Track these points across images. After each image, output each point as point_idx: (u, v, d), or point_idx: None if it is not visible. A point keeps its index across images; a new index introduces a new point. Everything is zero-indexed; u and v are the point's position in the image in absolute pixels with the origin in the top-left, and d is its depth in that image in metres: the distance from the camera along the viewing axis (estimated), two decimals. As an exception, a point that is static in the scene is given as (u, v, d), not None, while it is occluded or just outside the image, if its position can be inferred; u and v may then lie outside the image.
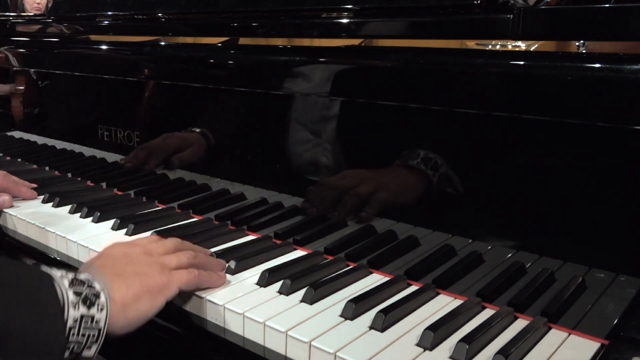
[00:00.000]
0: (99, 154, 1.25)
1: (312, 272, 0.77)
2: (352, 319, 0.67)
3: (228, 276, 0.77)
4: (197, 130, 1.04)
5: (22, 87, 1.47)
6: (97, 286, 0.62)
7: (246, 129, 0.99)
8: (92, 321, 0.59)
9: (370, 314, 0.67)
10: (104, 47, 1.18)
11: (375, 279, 0.78)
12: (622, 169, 0.63)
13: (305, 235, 0.89)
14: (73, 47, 1.27)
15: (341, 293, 0.73)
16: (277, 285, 0.74)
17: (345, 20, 0.83)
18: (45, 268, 0.61)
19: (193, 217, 1.02)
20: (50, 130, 1.41)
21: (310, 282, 0.74)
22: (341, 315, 0.67)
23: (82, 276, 0.62)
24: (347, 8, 0.82)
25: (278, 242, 0.89)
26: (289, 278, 0.73)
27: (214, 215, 1.00)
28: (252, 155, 0.98)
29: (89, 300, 0.60)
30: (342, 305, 0.68)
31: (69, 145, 1.35)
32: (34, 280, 0.58)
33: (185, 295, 0.73)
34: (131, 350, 0.80)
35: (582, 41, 0.64)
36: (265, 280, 0.75)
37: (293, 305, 0.70)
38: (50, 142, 1.40)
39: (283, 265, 0.79)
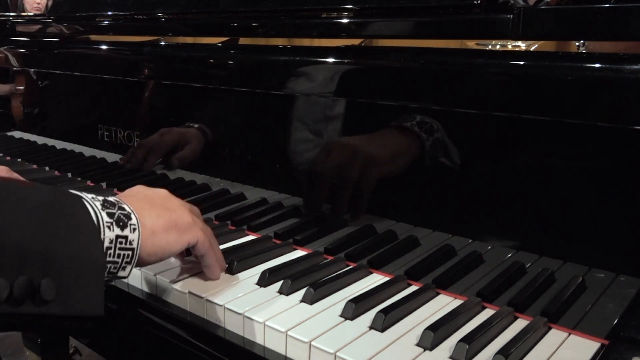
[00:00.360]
0: (99, 154, 1.26)
1: (312, 272, 0.77)
2: (352, 319, 0.67)
3: (228, 276, 0.77)
4: (195, 125, 1.04)
5: (22, 87, 1.47)
6: (127, 208, 0.63)
7: (246, 129, 0.99)
8: (126, 242, 0.61)
9: (370, 314, 0.67)
10: (104, 47, 1.18)
11: (375, 279, 0.78)
12: (622, 169, 0.63)
13: (305, 235, 0.89)
14: (73, 47, 1.27)
15: (341, 293, 0.73)
16: (277, 285, 0.74)
17: (345, 20, 0.83)
18: (75, 191, 0.61)
19: (193, 217, 1.02)
20: (50, 130, 1.41)
21: (310, 282, 0.74)
22: (341, 315, 0.67)
23: (112, 198, 0.63)
24: (347, 8, 0.82)
25: (278, 242, 0.89)
26: (289, 278, 0.73)
27: (214, 215, 1.00)
28: (252, 155, 0.98)
29: (122, 222, 0.61)
30: (342, 305, 0.68)
31: (69, 145, 1.35)
32: (69, 203, 0.58)
33: (184, 295, 0.73)
34: (131, 350, 0.80)
35: (582, 41, 0.64)
36: (265, 280, 0.75)
37: (293, 305, 0.70)
38: (50, 142, 1.40)
39: (283, 265, 0.79)
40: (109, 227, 0.59)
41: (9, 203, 0.53)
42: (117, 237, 0.60)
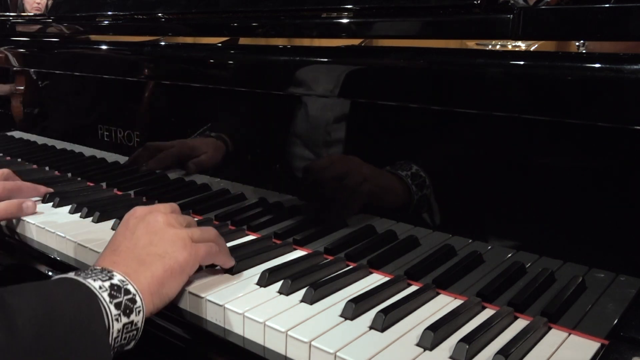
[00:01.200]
0: (99, 154, 1.26)
1: (312, 272, 0.77)
2: (352, 319, 0.67)
3: (228, 276, 0.77)
4: (213, 134, 1.04)
5: (22, 87, 1.47)
6: (131, 289, 0.64)
7: (246, 129, 0.99)
8: (132, 326, 0.63)
9: (370, 314, 0.67)
10: (104, 47, 1.18)
11: (375, 279, 0.78)
12: (622, 169, 0.63)
13: (305, 235, 0.89)
14: (73, 47, 1.27)
15: (341, 293, 0.73)
16: (277, 285, 0.74)
17: (345, 20, 0.83)
18: (83, 279, 0.63)
19: (193, 217, 1.02)
20: (50, 130, 1.41)
21: (310, 282, 0.74)
22: (341, 315, 0.67)
23: (116, 280, 0.64)
24: (347, 8, 0.82)
25: (278, 242, 0.89)
26: (289, 278, 0.73)
27: (214, 215, 1.00)
28: (252, 155, 0.98)
29: (128, 309, 0.63)
30: (342, 305, 0.68)
31: (69, 145, 1.35)
32: (87, 312, 0.60)
33: (184, 294, 0.73)
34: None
35: (582, 41, 0.64)
36: (265, 280, 0.75)
37: (293, 305, 0.70)
38: (50, 142, 1.40)
39: (283, 265, 0.79)
40: (117, 320, 0.62)
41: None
42: (124, 324, 0.62)
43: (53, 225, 0.96)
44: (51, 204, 1.07)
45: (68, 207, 1.05)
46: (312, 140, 0.89)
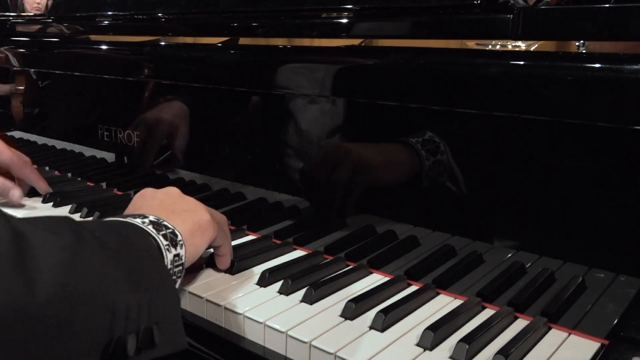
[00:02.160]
0: (99, 154, 1.26)
1: (312, 272, 0.77)
2: (352, 319, 0.67)
3: (228, 276, 0.77)
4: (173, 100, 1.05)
5: (22, 87, 1.47)
6: (169, 224, 0.65)
7: (246, 129, 0.99)
8: (179, 259, 0.64)
9: (370, 314, 0.67)
10: (104, 47, 1.18)
11: (375, 279, 0.78)
12: (622, 169, 0.63)
13: (305, 235, 0.89)
14: (73, 47, 1.27)
15: (341, 293, 0.73)
16: (277, 285, 0.74)
17: (345, 20, 0.83)
18: (129, 219, 0.63)
19: (193, 217, 1.02)
20: (50, 130, 1.41)
21: (310, 282, 0.74)
22: (341, 315, 0.67)
23: (152, 218, 0.65)
24: (347, 8, 0.82)
25: (278, 242, 0.89)
26: (289, 278, 0.73)
27: (214, 215, 1.00)
28: (252, 155, 0.98)
29: (174, 241, 0.64)
30: (342, 305, 0.68)
31: (69, 145, 1.35)
32: (141, 243, 0.61)
33: (184, 295, 0.73)
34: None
35: (582, 41, 0.64)
36: (265, 280, 0.75)
37: (293, 305, 0.70)
38: (50, 142, 1.40)
39: (283, 265, 0.79)
40: (167, 250, 0.63)
41: (105, 263, 0.54)
42: (174, 256, 0.64)
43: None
44: (51, 203, 1.07)
45: (68, 207, 1.05)
46: (312, 140, 0.89)
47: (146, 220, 0.64)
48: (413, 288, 0.75)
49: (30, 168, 1.09)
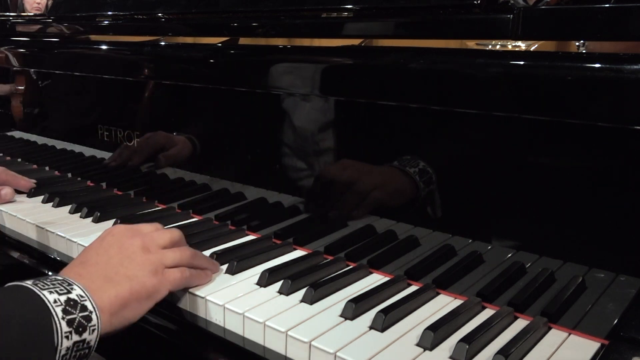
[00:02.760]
0: (99, 154, 1.25)
1: (312, 272, 0.77)
2: (352, 319, 0.67)
3: (228, 276, 0.77)
4: (184, 135, 1.06)
5: (22, 87, 1.47)
6: (89, 306, 0.63)
7: (246, 129, 0.99)
8: (83, 344, 0.61)
9: (370, 314, 0.67)
10: (104, 47, 1.18)
11: (375, 279, 0.78)
12: (622, 169, 0.63)
13: (305, 235, 0.89)
14: (73, 47, 1.27)
15: (341, 293, 0.73)
16: (277, 285, 0.74)
17: (345, 21, 0.83)
18: (39, 290, 0.61)
19: (193, 217, 1.02)
20: (50, 130, 1.41)
21: (310, 282, 0.74)
22: (341, 315, 0.67)
23: (74, 294, 0.63)
24: (347, 8, 0.82)
25: (278, 242, 0.89)
26: (289, 278, 0.73)
27: (214, 215, 1.00)
28: (252, 155, 0.98)
29: (82, 327, 0.61)
30: (342, 305, 0.68)
31: (69, 145, 1.35)
32: (35, 327, 0.59)
33: (184, 294, 0.73)
34: (129, 351, 0.80)
35: (582, 41, 0.64)
36: (265, 280, 0.75)
37: (293, 305, 0.70)
38: (50, 142, 1.40)
39: (283, 265, 0.79)
40: (67, 338, 0.60)
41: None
42: (75, 343, 0.61)
43: (53, 226, 0.96)
44: (51, 204, 1.07)
45: (68, 207, 1.05)
46: (312, 140, 0.89)
47: (62, 297, 0.62)
48: (413, 288, 0.75)
49: (4, 173, 1.12)
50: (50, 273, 0.90)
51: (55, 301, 0.61)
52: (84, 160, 1.30)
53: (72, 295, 0.62)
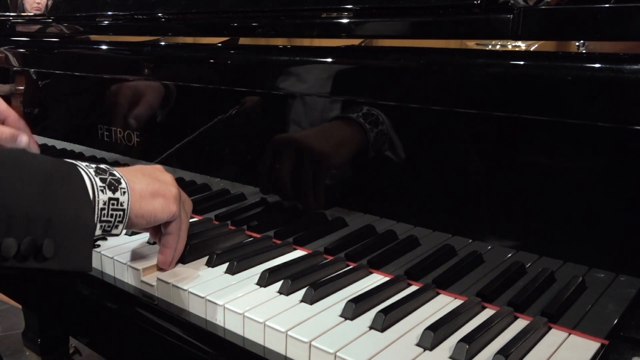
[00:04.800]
0: (99, 154, 1.26)
1: (312, 272, 0.77)
2: (352, 319, 0.67)
3: (228, 276, 0.77)
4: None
5: (22, 87, 1.47)
6: (117, 174, 0.70)
7: (246, 129, 0.99)
8: (117, 203, 0.68)
9: (370, 314, 0.67)
10: (104, 47, 1.18)
11: (375, 279, 0.78)
12: (622, 169, 0.63)
13: (305, 235, 0.89)
14: (73, 47, 1.27)
15: (341, 293, 0.73)
16: (277, 285, 0.74)
17: (345, 20, 0.83)
18: (72, 160, 0.68)
19: (193, 217, 1.02)
20: (50, 130, 1.41)
21: (310, 282, 0.74)
22: (341, 315, 0.67)
23: (104, 166, 0.70)
24: (347, 8, 0.82)
25: (278, 242, 0.89)
26: (289, 278, 0.73)
27: (214, 215, 1.00)
28: (252, 156, 0.98)
29: (113, 185, 0.68)
30: (342, 305, 0.68)
31: (69, 145, 1.35)
32: (67, 171, 0.65)
33: (184, 294, 0.73)
34: (131, 350, 0.80)
35: (582, 41, 0.64)
36: (265, 280, 0.75)
37: (293, 305, 0.70)
38: (50, 142, 1.40)
39: (283, 265, 0.79)
40: (102, 191, 0.66)
41: (20, 171, 0.60)
42: (110, 199, 0.67)
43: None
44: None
45: (68, 207, 1.04)
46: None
47: (93, 165, 0.69)
48: (413, 288, 0.75)
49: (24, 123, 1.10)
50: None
51: (86, 166, 0.68)
52: (84, 160, 1.29)
53: (101, 166, 0.70)
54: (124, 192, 0.68)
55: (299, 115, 0.90)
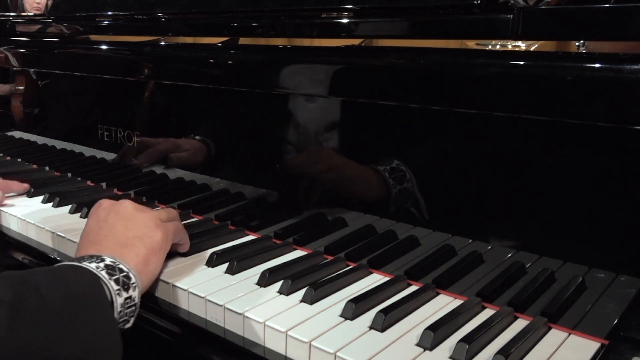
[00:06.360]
0: (99, 154, 1.26)
1: (312, 272, 0.77)
2: (352, 319, 0.67)
3: (228, 276, 0.77)
4: (198, 138, 1.06)
5: (22, 87, 1.47)
6: (124, 268, 0.68)
7: (246, 129, 0.99)
8: (130, 300, 0.67)
9: (370, 314, 0.67)
10: (104, 47, 1.18)
11: (375, 279, 0.78)
12: (622, 169, 0.63)
13: (305, 235, 0.89)
14: (73, 47, 1.27)
15: (341, 293, 0.73)
16: (277, 285, 0.74)
17: (345, 20, 0.83)
18: (85, 264, 0.66)
19: (193, 217, 1.02)
20: (50, 130, 1.41)
21: (310, 282, 0.74)
22: (341, 315, 0.67)
23: (108, 261, 0.68)
24: (347, 8, 0.82)
25: (278, 242, 0.89)
26: (289, 278, 0.73)
27: (214, 215, 1.00)
28: (252, 155, 0.98)
29: (126, 285, 0.66)
30: (342, 305, 0.68)
31: (69, 145, 1.35)
32: (92, 288, 0.63)
33: (184, 294, 0.73)
34: (131, 350, 0.80)
35: (582, 41, 0.64)
36: (265, 280, 0.75)
37: (293, 305, 0.70)
38: (50, 142, 1.40)
39: (283, 265, 0.79)
40: (118, 294, 0.65)
41: (44, 321, 0.57)
42: (125, 299, 0.66)
43: (54, 226, 0.96)
44: (51, 204, 1.07)
45: (68, 207, 1.05)
46: (312, 140, 0.89)
47: (101, 264, 0.67)
48: (413, 288, 0.75)
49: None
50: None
51: (97, 267, 0.66)
52: (84, 160, 1.30)
53: (107, 262, 0.67)
54: (135, 287, 0.68)
55: (299, 115, 0.90)
